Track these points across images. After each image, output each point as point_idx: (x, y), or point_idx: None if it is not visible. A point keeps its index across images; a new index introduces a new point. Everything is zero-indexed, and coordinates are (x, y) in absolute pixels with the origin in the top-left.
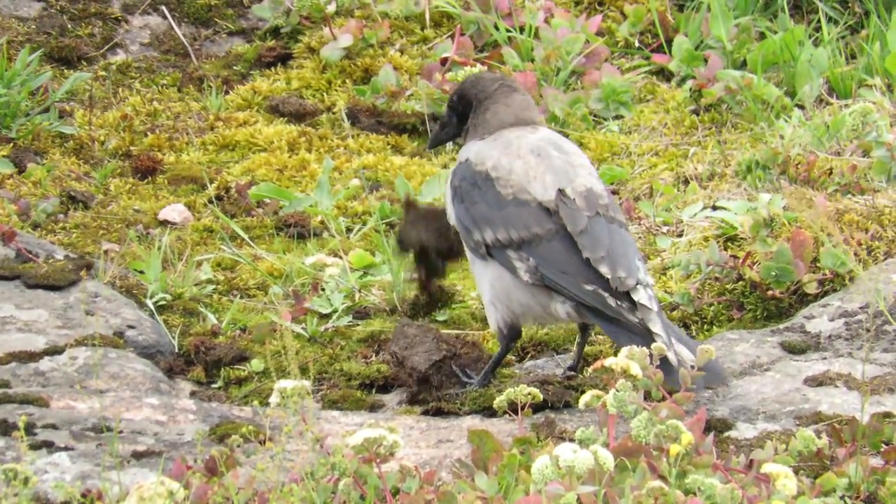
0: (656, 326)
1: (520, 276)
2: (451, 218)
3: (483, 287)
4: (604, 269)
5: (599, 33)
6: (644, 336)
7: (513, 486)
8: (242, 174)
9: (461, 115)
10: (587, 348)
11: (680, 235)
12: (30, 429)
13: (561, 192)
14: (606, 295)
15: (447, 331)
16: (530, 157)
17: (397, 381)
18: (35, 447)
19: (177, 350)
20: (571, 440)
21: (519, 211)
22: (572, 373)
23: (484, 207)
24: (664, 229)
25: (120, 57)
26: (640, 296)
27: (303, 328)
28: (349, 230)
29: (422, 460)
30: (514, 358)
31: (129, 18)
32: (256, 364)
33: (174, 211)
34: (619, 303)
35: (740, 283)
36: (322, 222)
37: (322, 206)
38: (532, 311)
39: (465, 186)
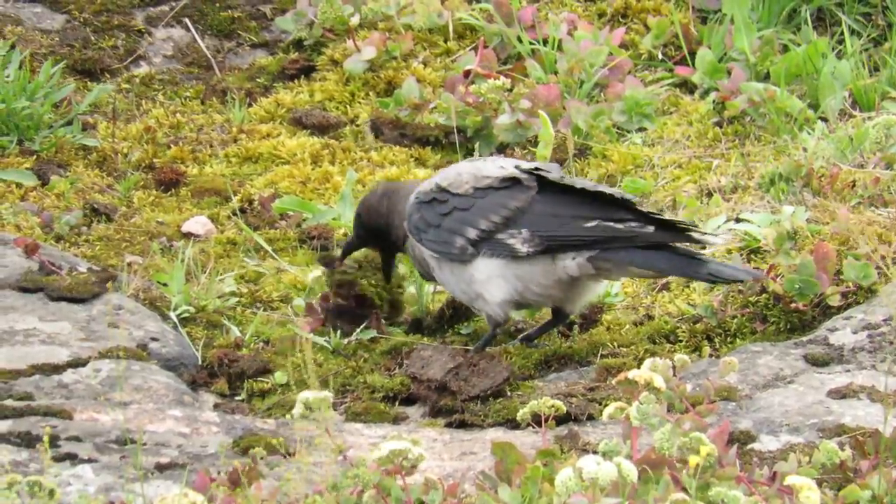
0: (671, 216)
1: (518, 251)
2: (423, 252)
3: (474, 281)
4: (604, 189)
5: (623, 45)
6: (659, 245)
7: (536, 499)
8: (266, 186)
9: (376, 237)
10: (609, 360)
11: (703, 248)
12: (53, 441)
13: (518, 168)
14: (611, 223)
15: (468, 344)
16: (469, 166)
17: (417, 397)
18: (58, 459)
19: (200, 362)
20: (595, 452)
21: (488, 197)
22: (528, 343)
23: (455, 213)
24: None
25: (143, 69)
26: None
27: (326, 341)
28: None
29: (445, 472)
30: (536, 371)
31: (153, 31)
32: (280, 376)
33: (197, 223)
34: (627, 224)
35: (763, 295)
36: (345, 235)
37: (345, 218)
38: (535, 282)
39: (424, 212)
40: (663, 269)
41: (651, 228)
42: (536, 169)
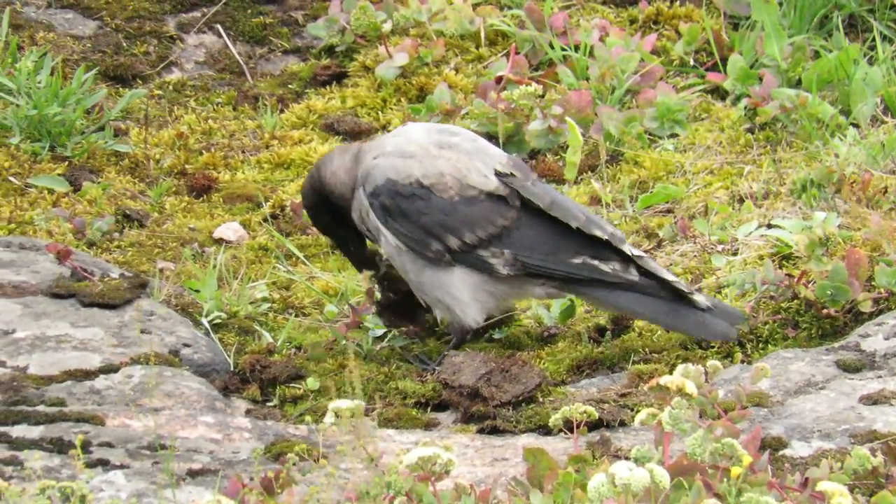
0: (665, 273)
1: (497, 271)
2: (386, 237)
3: (450, 290)
4: (597, 231)
5: (654, 52)
6: (644, 291)
7: None
8: (298, 192)
9: (334, 219)
10: (641, 366)
11: (735, 254)
12: (85, 447)
13: (497, 172)
14: (596, 262)
15: (501, 350)
16: (446, 153)
17: (449, 403)
18: (90, 465)
19: (232, 368)
20: (627, 458)
21: (474, 209)
22: (425, 367)
23: (435, 216)
24: (719, 248)
25: (175, 75)
26: (630, 249)
27: (358, 346)
28: None
29: (477, 478)
30: (568, 377)
31: (185, 37)
32: (312, 382)
33: (229, 229)
34: (612, 267)
35: (795, 301)
36: None
37: None
38: (505, 301)
39: (401, 202)
40: (647, 317)
41: (635, 275)
42: (511, 174)
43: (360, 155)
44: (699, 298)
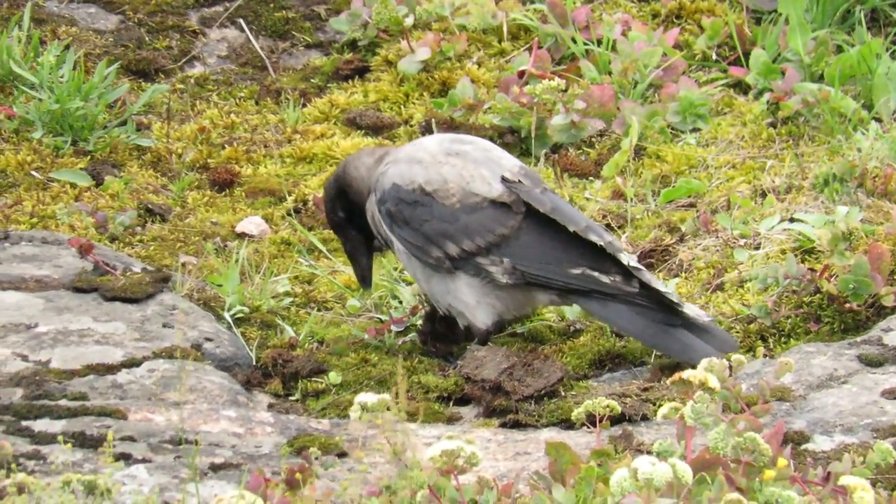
0: (660, 285)
1: (497, 280)
2: (395, 244)
3: (458, 296)
4: (594, 237)
5: (677, 46)
6: (639, 304)
7: (590, 499)
8: (320, 187)
9: (349, 216)
10: (663, 360)
11: (757, 248)
12: (108, 441)
13: (504, 179)
14: (597, 274)
15: (524, 344)
16: (453, 160)
17: (471, 397)
18: (113, 459)
19: (254, 363)
20: (649, 452)
21: (475, 216)
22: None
23: (436, 223)
24: (741, 242)
25: (197, 70)
26: (627, 259)
27: (380, 340)
28: None
29: (499, 473)
30: (591, 371)
31: (207, 31)
32: (334, 376)
33: (252, 223)
34: (612, 278)
35: (818, 295)
36: None
37: None
38: (514, 307)
39: (404, 208)
40: (636, 334)
41: (636, 287)
42: (519, 182)
43: (382, 158)
44: (694, 314)
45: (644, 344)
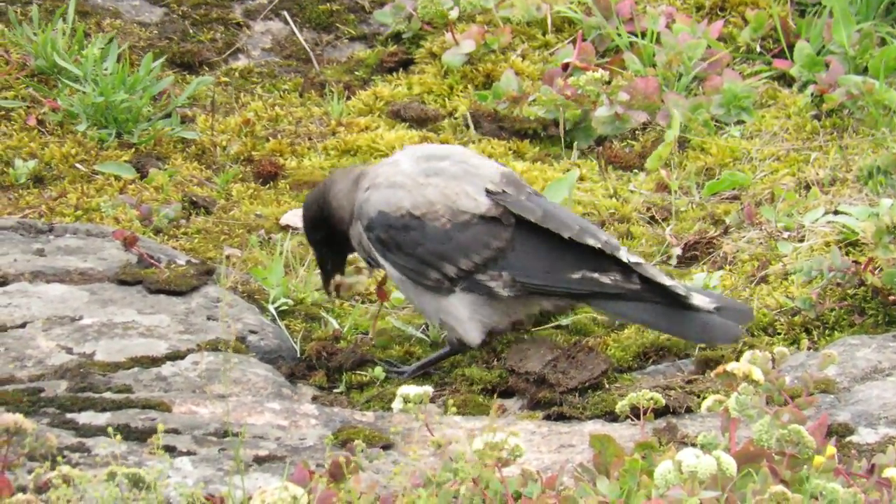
0: (663, 278)
1: (498, 294)
2: (388, 269)
3: (451, 313)
4: (591, 241)
5: (721, 38)
6: (645, 299)
7: (635, 491)
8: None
9: (327, 237)
10: (707, 353)
11: (801, 241)
12: (152, 433)
13: (488, 192)
14: (597, 275)
15: (568, 336)
16: (434, 180)
17: (516, 389)
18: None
19: (299, 355)
20: (693, 445)
21: (467, 234)
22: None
23: (430, 246)
24: (785, 235)
25: (242, 62)
26: (626, 256)
27: (424, 332)
28: None
29: (543, 465)
30: (635, 363)
31: (251, 24)
32: (378, 369)
33: (296, 216)
34: (613, 277)
35: (862, 288)
36: None
37: None
38: (513, 315)
39: (395, 234)
40: (650, 324)
41: (637, 284)
42: (503, 192)
43: (359, 180)
44: (700, 302)
45: (661, 332)
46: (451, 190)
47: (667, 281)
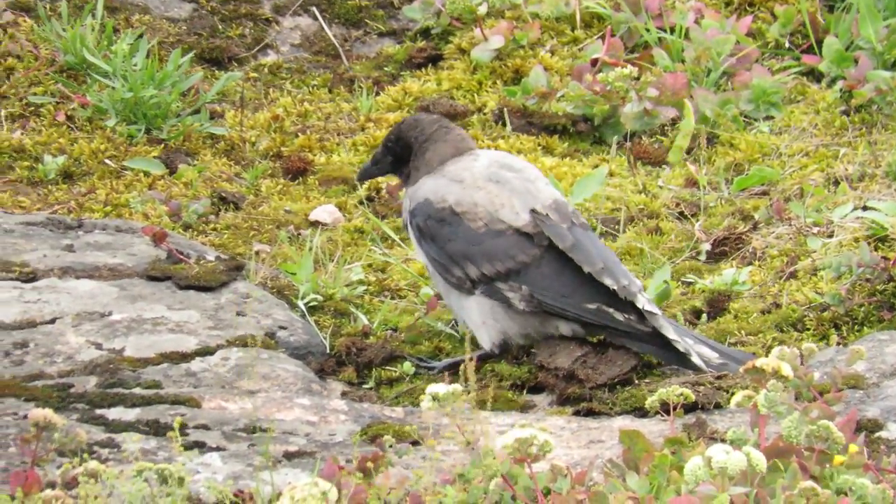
0: (669, 332)
1: (514, 306)
2: (419, 257)
3: (469, 315)
4: (608, 281)
5: (750, 34)
6: (655, 342)
7: (664, 487)
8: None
9: (397, 156)
10: (736, 348)
11: (830, 236)
12: (181, 429)
13: (533, 211)
14: (611, 310)
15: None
16: (490, 186)
17: (545, 385)
18: (187, 447)
19: (328, 351)
20: (722, 441)
21: (498, 242)
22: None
23: (460, 244)
24: (814, 230)
25: (271, 58)
26: (643, 302)
27: (453, 329)
28: None
29: (573, 460)
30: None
31: (280, 19)
32: (407, 365)
33: (325, 212)
34: (626, 316)
35: (891, 284)
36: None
37: None
38: (529, 334)
39: (432, 225)
40: (659, 358)
41: (649, 328)
42: (546, 216)
43: (447, 160)
44: (700, 362)
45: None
46: (500, 200)
47: (672, 335)
